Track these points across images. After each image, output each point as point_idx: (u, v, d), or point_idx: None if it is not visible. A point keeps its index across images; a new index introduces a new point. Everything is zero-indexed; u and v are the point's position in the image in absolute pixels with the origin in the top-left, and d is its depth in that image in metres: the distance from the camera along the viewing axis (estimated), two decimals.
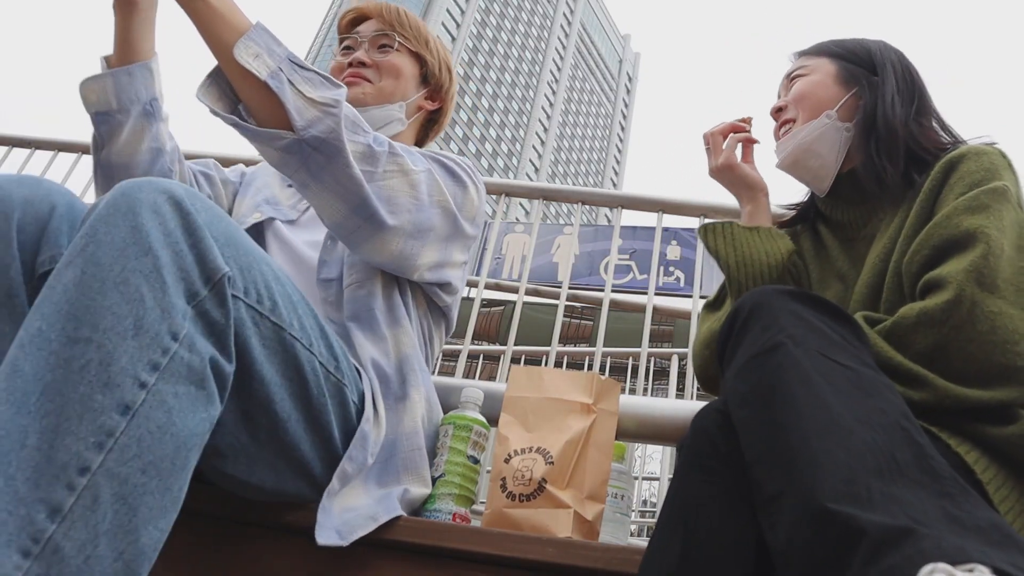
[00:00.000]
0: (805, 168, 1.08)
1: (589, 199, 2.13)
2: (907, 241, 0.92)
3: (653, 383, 4.43)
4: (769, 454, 0.64)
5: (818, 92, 1.08)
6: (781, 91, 1.17)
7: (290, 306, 0.78)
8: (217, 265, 0.66)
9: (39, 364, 0.57)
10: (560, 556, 0.80)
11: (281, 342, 0.76)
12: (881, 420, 0.63)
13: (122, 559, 0.56)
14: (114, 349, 0.58)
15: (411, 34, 1.23)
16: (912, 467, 0.60)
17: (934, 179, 0.93)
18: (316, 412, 0.81)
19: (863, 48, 1.10)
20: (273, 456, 0.79)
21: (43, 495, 0.53)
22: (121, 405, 0.57)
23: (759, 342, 0.71)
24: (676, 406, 1.24)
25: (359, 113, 0.99)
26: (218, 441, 0.74)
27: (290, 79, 0.87)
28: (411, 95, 1.23)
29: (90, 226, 0.63)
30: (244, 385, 0.73)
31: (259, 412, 0.76)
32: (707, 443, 0.73)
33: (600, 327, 1.89)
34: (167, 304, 0.62)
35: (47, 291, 0.61)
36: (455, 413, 1.01)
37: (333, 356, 0.85)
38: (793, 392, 0.65)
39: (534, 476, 0.94)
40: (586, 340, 7.08)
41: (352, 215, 0.93)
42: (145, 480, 0.58)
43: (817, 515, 0.56)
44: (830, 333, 0.71)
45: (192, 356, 0.63)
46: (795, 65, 1.14)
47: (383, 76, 1.20)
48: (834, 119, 1.05)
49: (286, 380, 0.77)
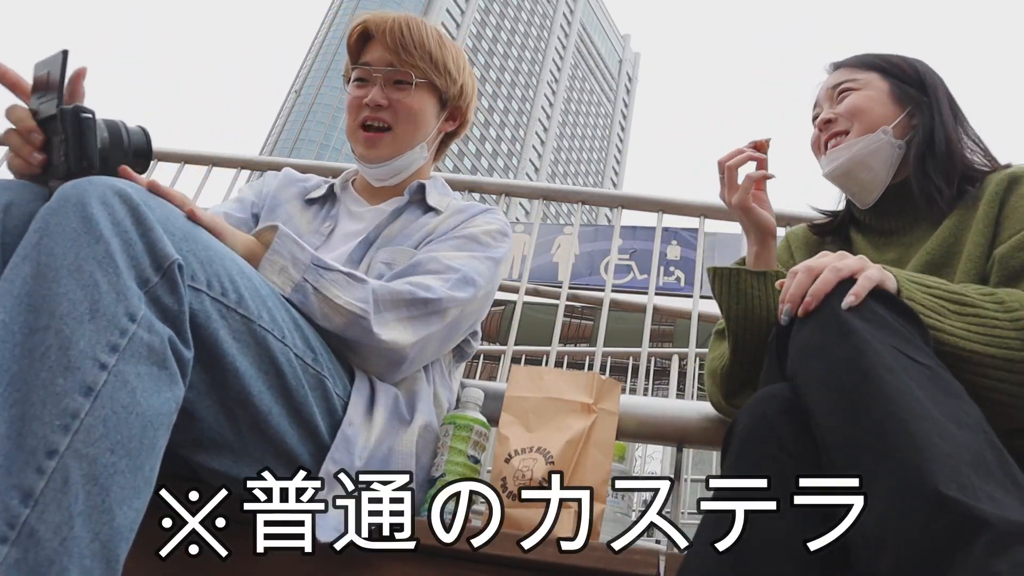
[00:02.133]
0: (855, 180, 1.11)
1: (589, 199, 2.13)
2: (981, 234, 0.96)
3: (653, 383, 4.43)
4: (857, 437, 0.63)
5: (875, 108, 1.11)
6: (823, 101, 1.18)
7: (258, 299, 0.78)
8: (167, 252, 0.67)
9: (4, 356, 0.58)
10: (560, 556, 0.79)
11: (252, 334, 0.77)
12: (967, 420, 0.63)
13: (99, 539, 0.57)
14: (72, 333, 0.59)
15: (424, 64, 1.17)
16: (997, 470, 0.60)
17: (995, 191, 0.99)
18: (297, 404, 0.82)
19: (911, 67, 1.15)
20: (260, 450, 0.80)
21: (15, 481, 0.54)
22: (83, 387, 0.58)
23: (832, 327, 0.71)
24: (676, 406, 1.24)
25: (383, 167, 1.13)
26: (201, 435, 0.76)
27: (315, 286, 0.90)
28: (431, 127, 1.22)
29: (42, 219, 0.65)
30: (219, 378, 0.74)
31: (238, 405, 0.77)
32: (767, 429, 0.71)
33: (600, 327, 1.89)
34: (121, 287, 0.63)
35: (6, 284, 0.62)
36: (455, 413, 1.01)
37: (310, 349, 0.85)
38: (881, 378, 0.64)
39: (535, 476, 0.94)
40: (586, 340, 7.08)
41: (389, 369, 0.98)
42: (114, 460, 0.59)
43: (930, 499, 0.55)
44: (901, 330, 0.71)
45: (152, 337, 0.64)
46: (842, 77, 1.16)
47: (401, 120, 1.18)
48: (890, 135, 1.09)
49: (262, 373, 0.78)
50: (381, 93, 1.16)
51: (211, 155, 2.37)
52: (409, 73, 1.16)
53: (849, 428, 0.64)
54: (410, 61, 1.16)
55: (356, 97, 1.19)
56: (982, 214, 0.99)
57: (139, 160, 0.84)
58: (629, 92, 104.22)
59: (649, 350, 2.20)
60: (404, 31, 1.16)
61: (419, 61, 1.16)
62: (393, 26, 1.16)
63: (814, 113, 1.21)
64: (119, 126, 0.83)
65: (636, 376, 3.78)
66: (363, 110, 1.17)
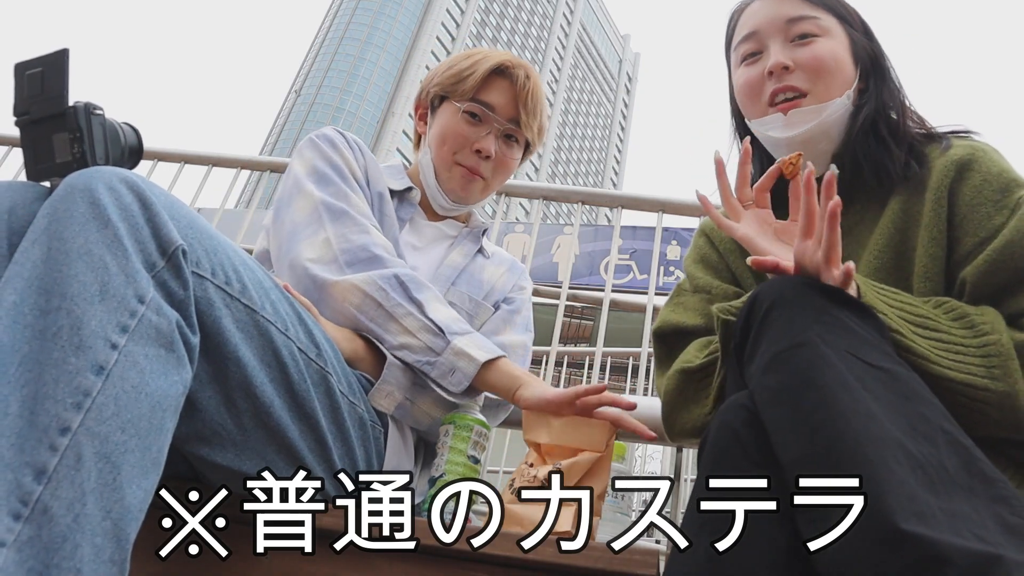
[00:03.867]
0: (813, 150, 0.96)
1: (589, 199, 2.13)
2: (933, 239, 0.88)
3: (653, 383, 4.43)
4: (813, 458, 0.60)
5: (841, 68, 0.95)
6: (771, 33, 0.96)
7: (261, 291, 0.79)
8: (172, 238, 0.68)
9: (16, 336, 0.58)
10: (560, 556, 0.79)
11: (256, 325, 0.77)
12: (925, 428, 0.61)
13: (110, 517, 0.57)
14: (83, 314, 0.60)
15: (536, 129, 1.23)
16: (963, 473, 0.58)
17: (941, 180, 0.90)
18: (300, 399, 0.82)
19: (858, 18, 1.00)
20: (261, 444, 0.80)
21: (28, 458, 0.54)
22: (95, 366, 0.59)
23: (786, 336, 0.67)
24: None
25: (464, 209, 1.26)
26: (203, 427, 0.76)
27: (413, 400, 1.02)
28: None
29: (50, 206, 0.66)
30: (221, 368, 0.75)
31: (240, 396, 0.77)
32: (733, 439, 0.69)
33: (600, 327, 1.89)
34: (130, 269, 0.64)
35: (16, 267, 0.63)
36: (456, 413, 1.01)
37: (314, 344, 0.85)
38: (834, 394, 0.61)
39: (539, 475, 0.94)
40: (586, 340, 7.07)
41: None
42: (125, 439, 0.59)
43: (891, 535, 0.53)
44: (857, 330, 0.68)
45: (160, 319, 0.65)
46: (800, 10, 0.96)
47: (496, 175, 1.24)
48: (851, 100, 0.97)
49: (264, 365, 0.78)
50: (494, 143, 1.20)
51: (211, 155, 2.37)
52: (525, 136, 1.23)
53: (802, 448, 0.62)
54: (530, 125, 1.21)
55: (466, 136, 1.19)
56: (929, 208, 0.89)
57: (132, 159, 0.86)
58: (629, 92, 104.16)
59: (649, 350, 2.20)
60: (533, 92, 1.20)
61: (534, 125, 1.22)
62: (527, 83, 1.20)
63: (749, 47, 0.98)
64: (115, 124, 0.84)
65: (636, 376, 3.77)
66: (470, 155, 1.20)
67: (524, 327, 1.25)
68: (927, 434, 0.60)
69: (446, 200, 1.24)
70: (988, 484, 0.58)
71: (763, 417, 0.67)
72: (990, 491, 0.57)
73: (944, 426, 0.62)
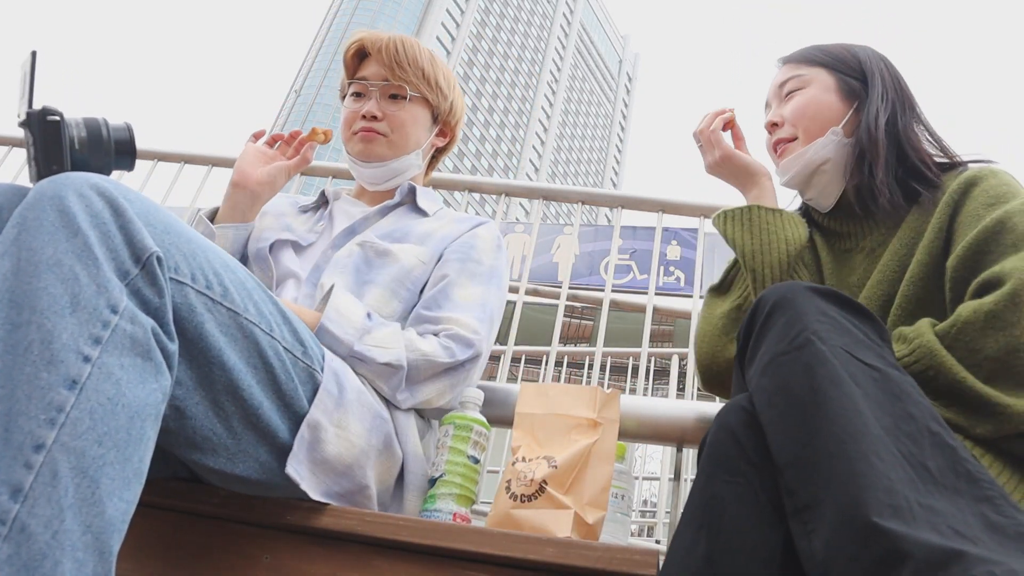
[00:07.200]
0: (812, 187, 1.07)
1: (589, 199, 2.13)
2: (927, 247, 0.93)
3: (653, 383, 4.43)
4: (804, 460, 0.62)
5: (822, 109, 1.07)
6: (772, 100, 1.14)
7: (244, 292, 0.78)
8: (146, 245, 0.67)
9: None
10: (560, 556, 0.80)
11: (240, 328, 0.76)
12: (910, 427, 0.62)
13: (90, 532, 0.56)
14: (53, 327, 0.59)
15: (417, 79, 1.25)
16: (947, 473, 0.59)
17: (952, 196, 0.94)
18: (288, 399, 0.82)
19: (853, 57, 1.09)
20: (253, 446, 0.80)
21: (3, 477, 0.54)
22: (68, 380, 0.58)
23: (785, 338, 0.69)
24: (676, 406, 1.24)
25: (379, 167, 1.22)
26: (193, 434, 0.75)
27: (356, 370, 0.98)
28: (424, 140, 1.30)
29: (19, 215, 0.64)
30: (207, 373, 0.74)
31: (227, 400, 0.76)
32: (731, 441, 0.71)
33: (600, 327, 1.89)
34: (102, 280, 0.63)
35: None
36: (456, 413, 1.01)
37: (299, 342, 0.85)
38: (825, 394, 0.63)
39: (535, 477, 0.94)
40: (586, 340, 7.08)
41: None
42: (102, 452, 0.59)
43: (863, 529, 0.54)
44: (855, 331, 0.70)
45: (135, 328, 0.64)
46: (788, 74, 1.11)
47: (395, 129, 1.25)
48: (840, 135, 1.05)
49: (251, 367, 0.78)
50: (377, 106, 1.24)
51: (211, 155, 2.37)
52: (404, 87, 1.25)
53: (797, 448, 0.63)
54: (404, 76, 1.24)
55: (353, 110, 1.26)
56: (935, 222, 0.95)
57: (123, 157, 0.83)
58: (629, 92, 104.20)
59: (649, 350, 2.20)
60: (399, 48, 1.24)
61: (412, 77, 1.25)
62: (388, 44, 1.24)
63: (766, 116, 1.15)
64: (99, 123, 0.82)
65: (636, 376, 3.78)
66: (358, 121, 1.24)
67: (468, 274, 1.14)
68: (911, 433, 0.62)
69: (362, 166, 1.26)
70: (973, 484, 0.58)
71: (760, 419, 0.69)
72: (975, 491, 0.58)
73: (931, 427, 0.63)
